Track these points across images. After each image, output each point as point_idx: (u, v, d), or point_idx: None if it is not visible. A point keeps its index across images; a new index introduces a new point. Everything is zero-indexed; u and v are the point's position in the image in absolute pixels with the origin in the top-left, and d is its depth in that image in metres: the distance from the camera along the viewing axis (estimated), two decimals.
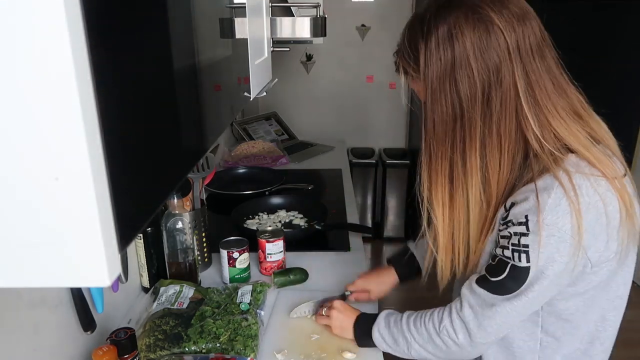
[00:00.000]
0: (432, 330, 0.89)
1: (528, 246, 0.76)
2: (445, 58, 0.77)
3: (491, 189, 0.82)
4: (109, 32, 0.30)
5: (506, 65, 0.76)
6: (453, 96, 0.78)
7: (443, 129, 0.81)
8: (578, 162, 0.77)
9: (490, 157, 0.80)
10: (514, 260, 0.78)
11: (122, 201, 0.30)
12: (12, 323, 0.76)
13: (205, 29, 0.55)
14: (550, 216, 0.74)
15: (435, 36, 0.77)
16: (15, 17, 0.24)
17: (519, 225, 0.77)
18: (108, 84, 0.29)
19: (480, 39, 0.75)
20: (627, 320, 0.94)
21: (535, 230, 0.75)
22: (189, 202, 1.28)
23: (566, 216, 0.73)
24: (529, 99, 0.77)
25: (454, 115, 0.79)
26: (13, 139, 0.26)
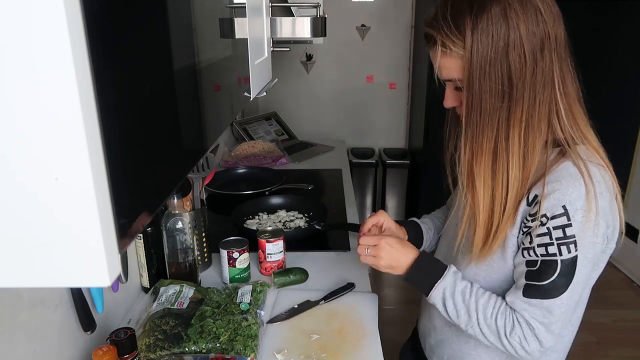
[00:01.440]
0: (502, 330, 0.88)
1: (574, 235, 0.79)
2: (498, 37, 0.78)
3: (527, 170, 0.84)
4: (109, 32, 0.30)
5: (548, 51, 0.80)
6: (504, 74, 0.80)
7: (492, 105, 0.82)
8: (587, 152, 0.83)
9: (531, 138, 0.83)
10: (562, 254, 0.80)
11: (122, 201, 0.30)
12: (12, 323, 0.76)
13: (205, 29, 0.55)
14: (584, 202, 0.79)
15: (489, 14, 0.78)
16: (15, 17, 0.24)
17: (558, 217, 0.80)
18: (108, 84, 0.29)
19: (531, 22, 0.78)
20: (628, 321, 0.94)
21: (577, 218, 0.79)
22: (189, 202, 1.28)
23: (593, 200, 0.79)
24: (561, 86, 0.82)
25: (503, 93, 0.81)
26: (13, 139, 0.26)
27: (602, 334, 2.43)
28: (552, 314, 0.83)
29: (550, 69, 0.81)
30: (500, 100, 0.81)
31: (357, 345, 1.03)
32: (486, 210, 0.87)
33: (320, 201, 1.78)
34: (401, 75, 3.28)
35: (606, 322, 2.52)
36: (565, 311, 0.84)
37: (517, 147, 0.83)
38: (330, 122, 3.36)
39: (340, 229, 1.59)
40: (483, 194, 0.87)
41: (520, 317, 0.86)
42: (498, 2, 0.78)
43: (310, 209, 1.70)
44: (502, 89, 0.81)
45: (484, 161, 0.85)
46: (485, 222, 0.88)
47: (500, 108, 0.82)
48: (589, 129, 0.87)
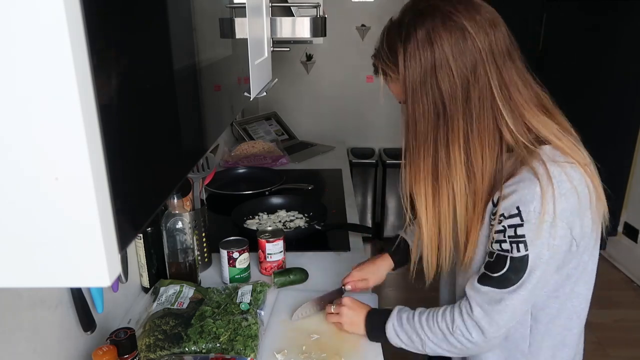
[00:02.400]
0: (446, 330, 0.92)
1: (524, 235, 0.82)
2: (425, 60, 0.82)
3: (476, 182, 0.87)
4: (109, 32, 0.30)
5: (482, 66, 0.81)
6: (435, 95, 0.83)
7: (425, 126, 0.86)
8: (553, 152, 0.83)
9: (473, 152, 0.85)
10: (512, 252, 0.83)
11: (122, 201, 0.30)
12: (12, 323, 0.76)
13: (205, 29, 0.55)
14: (538, 204, 0.80)
15: (415, 40, 0.82)
16: (16, 17, 0.24)
17: (512, 217, 0.82)
18: (108, 84, 0.29)
19: (457, 43, 0.81)
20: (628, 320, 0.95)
21: (529, 219, 0.81)
22: (189, 202, 1.28)
23: (550, 202, 0.79)
24: (503, 96, 0.83)
25: (437, 113, 0.84)
26: (13, 139, 0.26)
27: (602, 334, 2.43)
28: (499, 303, 0.86)
29: (486, 83, 0.82)
30: (435, 121, 0.85)
31: (357, 345, 1.03)
32: (430, 226, 0.92)
33: (320, 201, 1.78)
34: None
35: (606, 322, 2.52)
36: (514, 305, 0.85)
37: (459, 163, 0.85)
38: (330, 122, 3.35)
39: (340, 229, 1.59)
40: (425, 211, 0.91)
41: (463, 306, 0.90)
42: (422, 27, 0.81)
43: (310, 209, 1.70)
44: (435, 109, 0.84)
45: (422, 180, 0.90)
46: (431, 238, 0.93)
47: (436, 128, 0.85)
48: (557, 129, 0.86)
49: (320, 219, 1.58)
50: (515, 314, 0.87)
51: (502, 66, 0.83)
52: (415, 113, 0.86)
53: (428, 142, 0.86)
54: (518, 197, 0.82)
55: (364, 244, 1.55)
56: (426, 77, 0.82)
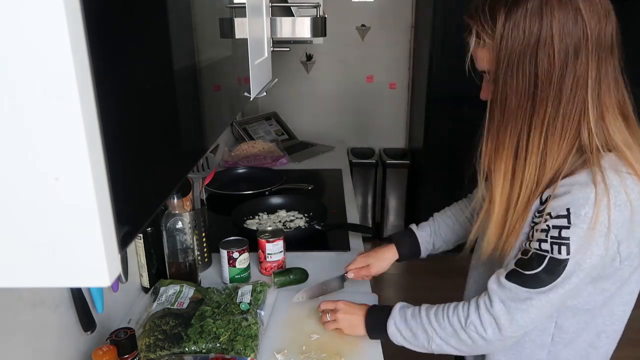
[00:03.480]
0: (457, 325, 0.88)
1: (569, 238, 0.78)
2: (530, 32, 0.76)
3: (545, 172, 0.83)
4: (109, 32, 0.30)
5: (584, 54, 0.77)
6: (531, 72, 0.78)
7: (516, 102, 0.81)
8: (617, 160, 0.80)
9: (551, 140, 0.81)
10: (553, 252, 0.79)
11: (122, 201, 0.30)
12: (12, 323, 0.76)
13: (205, 29, 0.55)
14: (592, 210, 0.76)
15: (524, 7, 0.76)
16: (16, 17, 0.24)
17: (560, 217, 0.79)
18: (108, 84, 0.29)
19: (567, 22, 0.76)
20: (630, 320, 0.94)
21: (577, 223, 0.77)
22: (189, 202, 1.28)
23: (604, 211, 0.76)
24: (595, 92, 0.79)
25: (527, 91, 0.79)
26: (13, 139, 0.26)
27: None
28: (524, 302, 0.82)
29: (584, 72, 0.77)
30: (525, 99, 0.80)
31: (357, 345, 1.03)
32: (503, 206, 0.87)
33: (320, 201, 1.78)
34: (401, 75, 3.28)
35: None
36: (539, 307, 0.82)
37: (536, 147, 0.81)
38: (330, 122, 3.35)
39: (340, 229, 1.59)
40: (501, 189, 0.86)
41: (482, 301, 0.86)
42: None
43: (310, 209, 1.70)
44: (529, 88, 0.79)
45: (504, 157, 0.84)
46: (500, 218, 0.88)
47: (524, 107, 0.80)
48: (630, 139, 0.82)
49: (320, 219, 1.58)
50: (538, 317, 0.84)
51: (604, 60, 0.78)
52: (507, 88, 0.80)
53: (516, 120, 0.81)
54: (571, 198, 0.78)
55: (364, 244, 1.55)
56: (527, 51, 0.77)
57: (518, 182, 0.84)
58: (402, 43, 3.21)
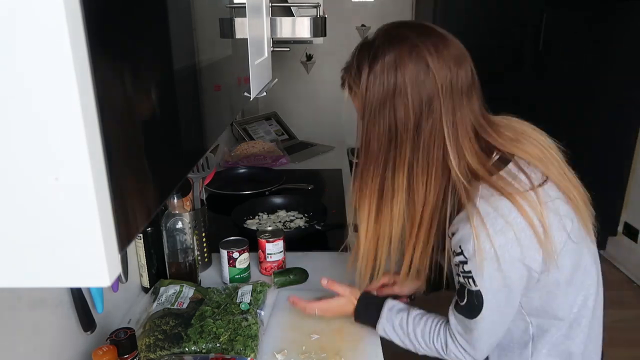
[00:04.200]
0: (441, 350, 0.97)
1: (471, 272, 0.85)
2: (387, 84, 0.84)
3: (415, 209, 0.90)
4: (109, 32, 0.30)
5: (437, 101, 0.83)
6: (390, 120, 0.85)
7: (377, 146, 0.88)
8: (488, 190, 0.85)
9: (416, 180, 0.88)
10: (468, 285, 0.87)
11: (122, 201, 0.30)
12: (12, 323, 0.76)
13: (205, 29, 0.55)
14: (473, 245, 0.82)
15: (382, 62, 0.84)
16: (16, 17, 0.24)
17: (457, 255, 0.86)
18: (108, 84, 0.29)
19: (418, 74, 0.83)
20: (627, 320, 0.95)
21: (470, 257, 0.84)
22: (189, 202, 1.28)
23: (486, 241, 0.81)
24: (453, 135, 0.85)
25: (388, 136, 0.87)
26: (13, 139, 0.26)
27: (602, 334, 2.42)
28: (472, 332, 0.90)
29: (438, 118, 0.84)
30: (386, 144, 0.87)
31: (357, 345, 1.03)
32: (368, 243, 0.96)
33: (320, 201, 1.78)
34: None
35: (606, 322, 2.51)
36: (488, 330, 0.90)
37: (401, 187, 0.89)
38: (330, 122, 3.35)
39: (341, 229, 1.59)
40: (366, 229, 0.95)
41: (450, 332, 0.95)
42: (391, 52, 0.83)
43: (310, 209, 1.70)
44: (389, 134, 0.86)
45: (368, 195, 0.92)
46: (366, 254, 0.97)
47: (386, 151, 0.88)
48: (493, 164, 0.87)
49: (320, 219, 1.58)
50: (493, 337, 0.92)
51: (459, 104, 0.84)
52: (369, 133, 0.88)
53: (378, 162, 0.89)
54: (459, 236, 0.85)
55: None
56: (385, 100, 0.84)
57: (384, 220, 0.93)
58: None
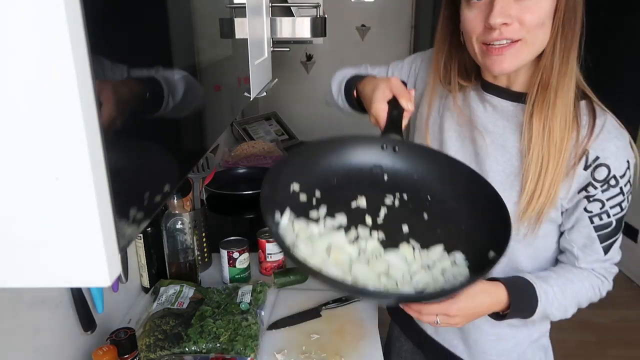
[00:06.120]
0: (597, 295, 0.91)
1: (623, 194, 0.84)
2: None
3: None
4: (109, 32, 0.30)
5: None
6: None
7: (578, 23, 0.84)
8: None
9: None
10: (612, 216, 0.85)
11: (122, 201, 0.30)
12: (12, 323, 0.76)
13: (205, 29, 0.55)
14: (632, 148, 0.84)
15: None
16: (16, 17, 0.24)
17: (625, 174, 0.82)
18: (108, 84, 0.29)
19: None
20: (627, 320, 0.95)
21: (631, 166, 0.83)
22: (189, 202, 1.28)
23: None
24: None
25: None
26: (14, 138, 0.26)
27: (602, 334, 2.43)
28: (618, 250, 0.90)
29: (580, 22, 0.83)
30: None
31: (357, 345, 1.03)
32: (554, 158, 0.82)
33: None
34: None
35: (606, 322, 2.52)
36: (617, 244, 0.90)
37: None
38: (330, 122, 3.35)
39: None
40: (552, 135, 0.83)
41: (604, 271, 0.90)
42: None
43: None
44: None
45: (565, 89, 0.82)
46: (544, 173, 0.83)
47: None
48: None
49: None
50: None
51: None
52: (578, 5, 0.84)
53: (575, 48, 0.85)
54: (624, 150, 0.82)
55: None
56: None
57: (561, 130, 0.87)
58: (402, 43, 3.21)
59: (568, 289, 0.87)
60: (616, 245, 0.89)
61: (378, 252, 0.65)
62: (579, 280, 0.88)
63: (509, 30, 0.76)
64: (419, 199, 0.70)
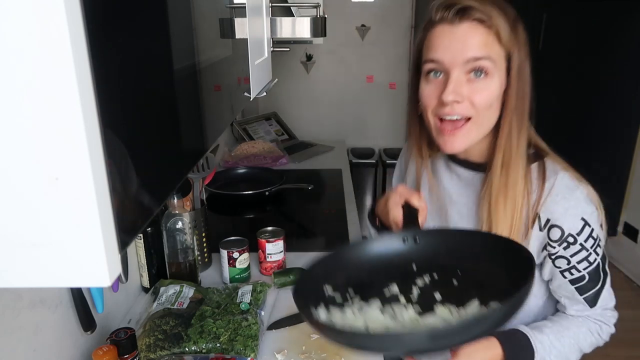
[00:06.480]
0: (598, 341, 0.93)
1: (598, 234, 0.85)
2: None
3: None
4: (109, 32, 0.30)
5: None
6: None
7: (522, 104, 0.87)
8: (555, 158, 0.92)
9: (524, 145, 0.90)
10: (599, 254, 0.86)
11: (122, 201, 0.30)
12: (12, 323, 0.76)
13: (205, 29, 0.55)
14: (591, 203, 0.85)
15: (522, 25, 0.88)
16: (16, 16, 0.24)
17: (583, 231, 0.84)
18: (108, 84, 0.29)
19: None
20: (627, 320, 0.95)
21: (593, 220, 0.85)
22: (189, 202, 1.28)
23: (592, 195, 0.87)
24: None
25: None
26: (13, 138, 0.26)
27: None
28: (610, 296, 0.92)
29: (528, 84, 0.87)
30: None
31: None
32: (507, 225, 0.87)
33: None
34: (401, 75, 3.28)
35: None
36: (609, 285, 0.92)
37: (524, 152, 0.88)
38: (330, 122, 3.35)
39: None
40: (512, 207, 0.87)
41: (600, 317, 0.92)
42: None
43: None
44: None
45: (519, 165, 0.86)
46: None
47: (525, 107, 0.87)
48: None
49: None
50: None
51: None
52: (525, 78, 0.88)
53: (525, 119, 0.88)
54: (575, 209, 0.84)
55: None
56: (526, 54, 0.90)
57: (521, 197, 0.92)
58: (402, 43, 3.22)
59: (564, 335, 0.88)
60: (605, 294, 0.90)
61: (415, 320, 0.66)
62: (575, 326, 0.91)
63: (460, 107, 0.83)
64: (448, 274, 0.74)
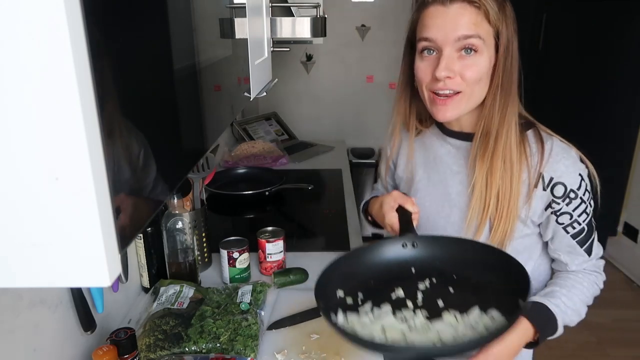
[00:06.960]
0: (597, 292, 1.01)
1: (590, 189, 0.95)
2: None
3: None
4: (109, 32, 0.30)
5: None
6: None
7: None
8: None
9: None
10: (592, 205, 0.95)
11: (122, 201, 0.30)
12: (12, 323, 0.76)
13: (205, 29, 0.55)
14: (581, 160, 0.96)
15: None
16: (15, 16, 0.24)
17: (581, 185, 0.93)
18: (108, 84, 0.29)
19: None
20: (627, 320, 0.96)
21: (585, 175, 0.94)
22: (189, 202, 1.28)
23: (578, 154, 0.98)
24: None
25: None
26: (13, 138, 0.26)
27: (602, 334, 2.43)
28: (598, 243, 1.01)
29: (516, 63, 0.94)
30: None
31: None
32: (507, 190, 0.95)
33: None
34: None
35: (606, 322, 2.52)
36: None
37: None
38: (330, 122, 3.35)
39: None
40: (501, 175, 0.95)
41: (594, 267, 1.00)
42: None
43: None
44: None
45: (509, 132, 0.93)
46: (495, 207, 0.96)
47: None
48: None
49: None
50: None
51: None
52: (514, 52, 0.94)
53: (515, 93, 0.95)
54: (573, 167, 0.92)
55: (364, 243, 1.54)
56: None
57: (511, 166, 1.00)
58: (402, 43, 3.20)
59: (573, 294, 0.97)
60: (595, 242, 1.00)
61: (426, 325, 0.77)
62: (579, 282, 0.99)
63: (452, 83, 0.91)
64: (446, 278, 0.85)
